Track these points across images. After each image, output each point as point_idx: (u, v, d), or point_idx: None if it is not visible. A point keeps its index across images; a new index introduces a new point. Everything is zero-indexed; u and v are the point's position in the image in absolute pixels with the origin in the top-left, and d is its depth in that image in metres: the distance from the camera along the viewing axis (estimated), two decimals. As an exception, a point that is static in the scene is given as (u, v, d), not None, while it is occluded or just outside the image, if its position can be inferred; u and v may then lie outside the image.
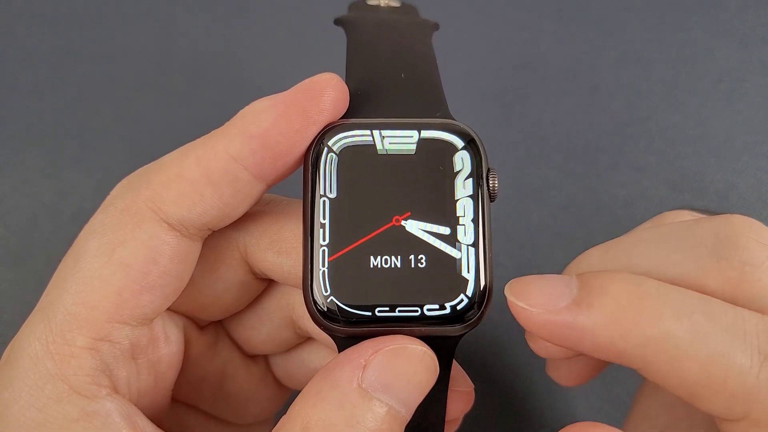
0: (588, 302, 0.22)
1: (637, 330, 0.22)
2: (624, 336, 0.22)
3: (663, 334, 0.22)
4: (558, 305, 0.23)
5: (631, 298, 0.22)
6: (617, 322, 0.22)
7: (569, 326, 0.22)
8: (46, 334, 0.24)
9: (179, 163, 0.25)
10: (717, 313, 0.22)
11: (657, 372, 0.22)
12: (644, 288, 0.22)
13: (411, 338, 0.23)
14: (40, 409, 0.23)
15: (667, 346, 0.21)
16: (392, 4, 0.32)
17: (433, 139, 0.25)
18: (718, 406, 0.22)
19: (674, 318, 0.22)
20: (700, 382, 0.22)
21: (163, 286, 0.25)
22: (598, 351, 0.22)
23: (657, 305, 0.22)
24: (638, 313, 0.22)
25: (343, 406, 0.22)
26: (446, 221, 0.24)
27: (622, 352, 0.22)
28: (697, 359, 0.21)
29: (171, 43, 0.53)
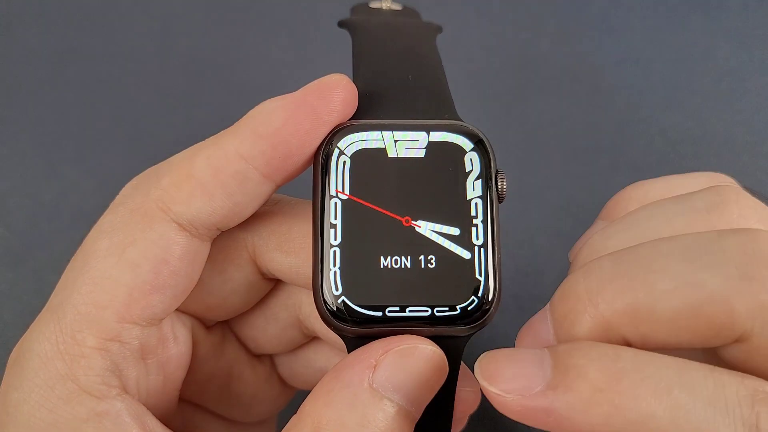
0: (564, 386, 0.21)
1: (617, 414, 0.20)
2: (604, 422, 0.20)
3: (643, 417, 0.20)
4: (533, 389, 0.21)
5: (609, 379, 0.21)
6: (596, 407, 0.20)
7: (546, 412, 0.21)
8: (56, 335, 0.24)
9: (189, 163, 0.25)
10: (697, 385, 0.21)
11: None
12: (621, 365, 0.21)
13: (421, 338, 0.23)
14: (50, 410, 0.24)
15: (648, 428, 0.20)
16: (394, 7, 0.32)
17: (442, 140, 0.25)
18: None
19: (653, 398, 0.20)
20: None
21: (172, 286, 0.25)
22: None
23: (635, 385, 0.20)
24: (617, 395, 0.20)
25: (354, 406, 0.22)
26: (456, 222, 0.24)
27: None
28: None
29: (171, 43, 0.53)
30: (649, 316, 0.22)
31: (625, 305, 0.22)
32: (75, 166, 0.49)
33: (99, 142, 0.49)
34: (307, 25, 0.53)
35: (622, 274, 0.23)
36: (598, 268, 0.23)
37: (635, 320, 0.22)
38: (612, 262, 0.23)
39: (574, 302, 0.23)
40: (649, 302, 0.22)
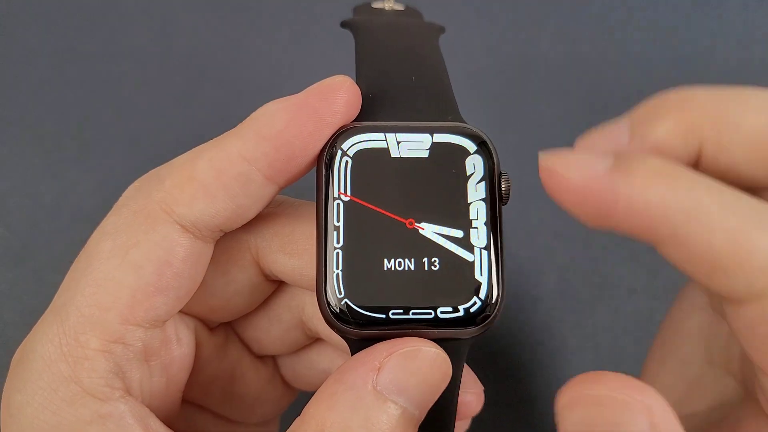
0: (626, 168, 0.22)
1: (673, 195, 0.22)
2: (660, 201, 0.22)
3: (696, 203, 0.22)
4: (597, 170, 0.22)
5: (667, 169, 0.22)
6: (655, 187, 0.22)
7: (607, 190, 0.22)
8: (59, 336, 0.24)
9: (192, 164, 0.25)
10: (744, 195, 0.22)
11: (684, 240, 0.22)
12: (677, 167, 0.23)
13: (425, 340, 0.24)
14: (53, 412, 0.24)
15: (699, 212, 0.21)
16: (396, 8, 0.32)
17: (445, 142, 0.25)
18: (740, 280, 0.22)
19: (706, 191, 0.22)
20: (726, 252, 0.21)
21: (176, 288, 0.25)
22: (632, 217, 0.22)
23: (690, 179, 0.22)
24: (673, 181, 0.22)
25: (358, 408, 0.22)
26: (459, 224, 0.24)
27: (655, 218, 0.22)
28: (725, 229, 0.21)
29: (171, 43, 0.53)
30: (734, 125, 0.23)
31: (715, 110, 0.24)
32: (75, 166, 0.49)
33: (99, 142, 0.49)
34: (309, 24, 0.53)
35: (717, 91, 0.24)
36: (691, 89, 0.25)
37: (720, 126, 0.24)
38: (706, 89, 0.24)
39: (662, 104, 0.24)
40: (737, 113, 0.24)
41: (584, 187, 0.22)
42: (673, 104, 0.24)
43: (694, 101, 0.24)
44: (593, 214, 0.23)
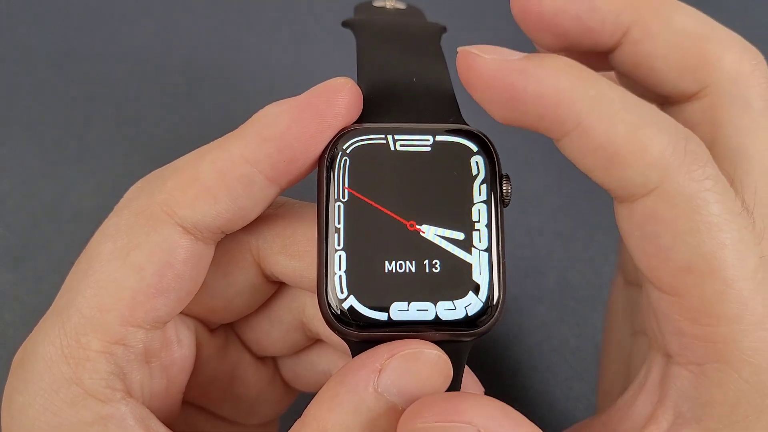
0: (539, 59, 0.23)
1: (580, 84, 0.23)
2: (568, 87, 0.23)
3: (600, 95, 0.23)
4: (511, 56, 0.24)
5: (576, 66, 0.24)
6: (564, 75, 0.23)
7: (519, 71, 0.23)
8: (60, 338, 0.24)
9: (194, 166, 0.25)
10: (643, 100, 0.24)
11: (587, 130, 0.23)
12: (585, 67, 0.24)
13: (425, 342, 0.24)
14: (54, 413, 0.24)
15: (602, 104, 0.23)
16: (398, 6, 0.32)
17: (447, 144, 0.25)
18: (634, 172, 0.23)
19: (610, 87, 0.23)
20: (625, 144, 0.23)
21: (177, 290, 0.25)
22: (539, 104, 0.23)
23: (596, 76, 0.23)
24: (582, 75, 0.23)
25: (359, 410, 0.22)
26: (460, 226, 0.24)
27: (561, 106, 0.23)
28: (625, 122, 0.23)
29: (171, 43, 0.53)
30: (666, 18, 0.25)
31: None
32: (75, 166, 0.49)
33: (99, 142, 0.49)
34: (309, 24, 0.53)
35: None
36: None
37: (654, 14, 0.25)
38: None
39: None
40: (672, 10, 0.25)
41: (497, 69, 0.23)
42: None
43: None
44: (503, 100, 0.24)
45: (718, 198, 0.23)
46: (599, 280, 0.46)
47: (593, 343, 0.45)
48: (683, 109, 0.26)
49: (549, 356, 0.45)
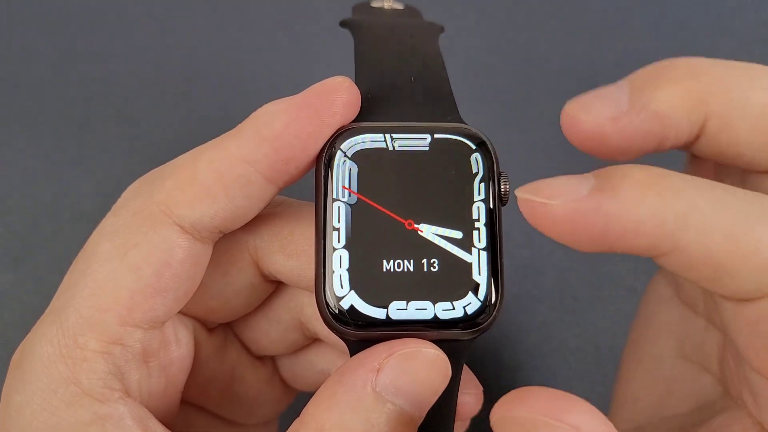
0: (611, 187, 0.22)
1: (664, 205, 0.21)
2: (652, 214, 0.21)
3: (690, 207, 0.21)
4: (581, 194, 0.22)
5: (653, 178, 0.22)
6: (644, 200, 0.21)
7: (594, 211, 0.21)
8: (58, 338, 0.24)
9: (192, 165, 0.25)
10: (737, 190, 0.22)
11: (685, 248, 0.21)
12: (661, 170, 0.22)
13: (424, 342, 0.23)
14: (52, 413, 0.24)
15: (694, 217, 0.21)
16: (396, 7, 0.32)
17: (445, 143, 0.25)
18: (743, 280, 0.21)
19: (697, 191, 0.21)
20: (728, 253, 0.21)
21: (175, 290, 0.25)
22: (626, 237, 0.22)
23: (678, 182, 0.22)
24: (663, 190, 0.21)
25: (357, 410, 0.22)
26: (459, 225, 0.24)
27: (651, 231, 0.21)
28: (724, 229, 0.21)
29: (171, 43, 0.53)
30: (742, 101, 0.23)
31: (724, 83, 0.23)
32: (75, 166, 0.49)
33: (98, 142, 0.49)
34: (308, 23, 0.53)
35: (725, 64, 0.24)
36: (698, 59, 0.24)
37: (728, 100, 0.23)
38: (713, 60, 0.24)
39: (669, 70, 0.24)
40: (747, 89, 0.23)
41: (571, 214, 0.22)
42: (680, 72, 0.24)
43: (704, 71, 0.24)
44: (586, 242, 0.22)
45: None
46: (599, 280, 0.46)
47: (593, 343, 0.45)
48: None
49: (549, 356, 0.45)
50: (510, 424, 0.21)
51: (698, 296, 0.30)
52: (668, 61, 0.25)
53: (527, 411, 0.21)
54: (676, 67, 0.24)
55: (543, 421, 0.20)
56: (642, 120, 0.23)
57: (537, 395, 0.21)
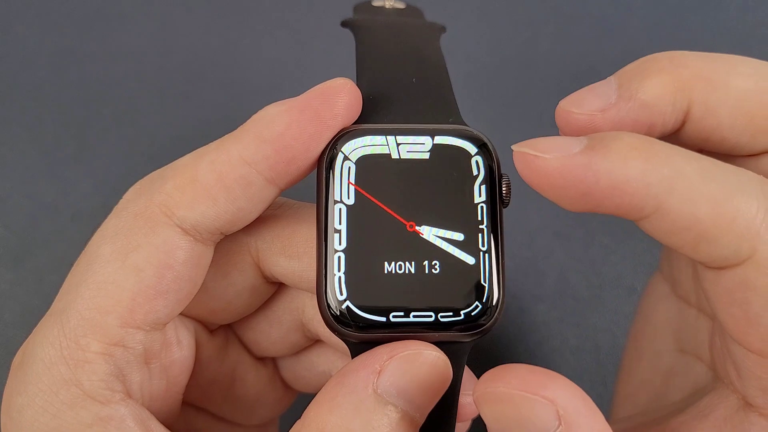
0: (602, 146, 0.22)
1: (652, 167, 0.22)
2: (640, 174, 0.22)
3: (676, 172, 0.22)
4: (572, 151, 0.23)
5: (643, 143, 0.22)
6: (633, 161, 0.22)
7: (585, 166, 0.22)
8: (59, 339, 0.24)
9: (193, 167, 0.25)
10: (722, 162, 0.23)
11: (667, 212, 0.22)
12: (652, 139, 0.23)
13: (425, 344, 0.23)
14: (54, 415, 0.24)
15: (680, 183, 0.22)
16: (397, 6, 0.32)
17: (446, 144, 0.25)
18: (725, 246, 0.22)
19: (684, 159, 0.22)
20: (709, 220, 0.22)
21: (176, 291, 0.25)
22: (614, 194, 0.22)
23: (667, 149, 0.22)
24: (652, 153, 0.22)
25: (358, 412, 0.22)
26: (460, 227, 0.24)
27: (637, 191, 0.22)
28: (707, 196, 0.22)
29: (171, 43, 0.53)
30: (723, 87, 0.24)
31: (705, 71, 0.24)
32: (75, 166, 0.49)
33: (98, 142, 0.49)
34: (308, 23, 0.53)
35: (706, 55, 0.25)
36: (680, 52, 0.25)
37: (710, 87, 0.24)
38: (695, 53, 0.25)
39: (653, 62, 0.25)
40: (727, 76, 0.24)
41: (562, 167, 0.22)
42: (663, 63, 0.25)
43: (685, 61, 0.25)
44: (574, 196, 0.23)
45: None
46: (599, 280, 0.46)
47: (593, 343, 0.45)
48: (761, 160, 0.26)
49: (549, 356, 0.45)
50: (490, 399, 0.22)
51: (691, 288, 0.31)
52: (652, 54, 0.26)
53: (505, 386, 0.21)
54: (660, 60, 0.25)
55: (520, 396, 0.21)
56: (630, 109, 0.24)
57: (515, 372, 0.21)
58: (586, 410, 0.21)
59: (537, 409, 0.21)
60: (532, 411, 0.21)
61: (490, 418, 0.22)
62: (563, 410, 0.21)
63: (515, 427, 0.21)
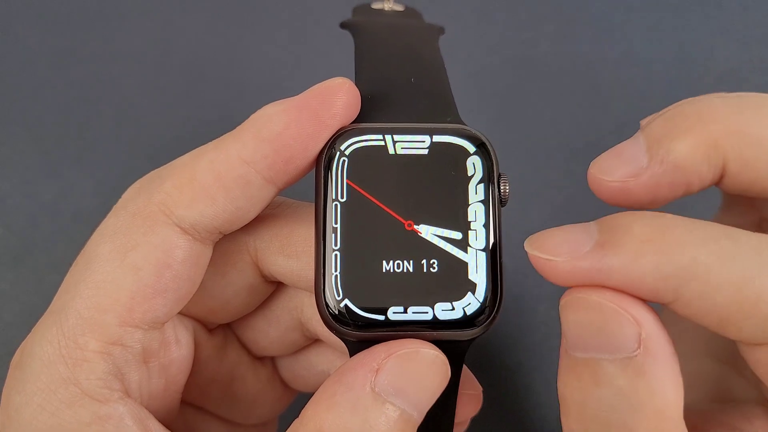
0: (612, 242, 0.22)
1: (666, 260, 0.21)
2: (653, 269, 0.21)
3: (692, 261, 0.21)
4: (582, 250, 0.22)
5: (655, 232, 0.22)
6: (645, 256, 0.22)
7: (596, 269, 0.22)
8: (58, 338, 0.24)
9: (192, 166, 0.25)
10: (741, 238, 0.22)
11: (689, 301, 0.22)
12: (665, 221, 0.22)
13: (423, 342, 0.24)
14: (52, 413, 0.24)
15: (696, 271, 0.21)
16: (396, 8, 0.32)
17: (444, 143, 0.25)
18: (750, 329, 0.22)
19: (700, 244, 0.22)
20: (732, 305, 0.21)
21: (175, 290, 0.25)
22: (628, 288, 0.22)
23: (681, 235, 0.22)
24: (665, 244, 0.22)
25: (356, 410, 0.22)
26: (458, 226, 0.24)
27: (653, 285, 0.22)
28: (727, 282, 0.21)
29: (171, 43, 0.53)
30: (757, 140, 0.23)
31: (736, 125, 0.23)
32: (75, 166, 0.49)
33: (98, 142, 0.49)
34: (308, 24, 0.53)
35: (734, 104, 0.24)
36: (707, 99, 0.25)
37: (743, 141, 0.23)
38: (721, 98, 0.24)
39: (681, 119, 0.24)
40: (759, 126, 0.23)
41: (573, 270, 0.22)
42: (691, 120, 0.24)
43: (713, 115, 0.24)
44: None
45: None
46: (599, 280, 0.46)
47: (593, 342, 0.45)
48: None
49: (549, 356, 0.45)
50: (579, 305, 0.22)
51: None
52: (678, 107, 0.25)
53: (599, 296, 0.22)
54: (689, 116, 0.24)
55: (612, 308, 0.22)
56: (664, 173, 0.24)
57: (609, 290, 0.22)
58: (667, 345, 0.22)
59: (623, 325, 0.22)
60: (618, 325, 0.22)
61: (572, 324, 0.23)
62: (646, 335, 0.21)
63: (595, 337, 0.22)
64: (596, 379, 0.22)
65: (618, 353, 0.22)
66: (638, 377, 0.21)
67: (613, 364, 0.22)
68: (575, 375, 0.23)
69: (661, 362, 0.22)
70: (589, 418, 0.22)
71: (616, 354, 0.22)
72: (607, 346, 0.22)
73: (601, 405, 0.22)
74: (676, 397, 0.22)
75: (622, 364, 0.22)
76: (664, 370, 0.22)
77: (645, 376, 0.21)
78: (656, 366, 0.21)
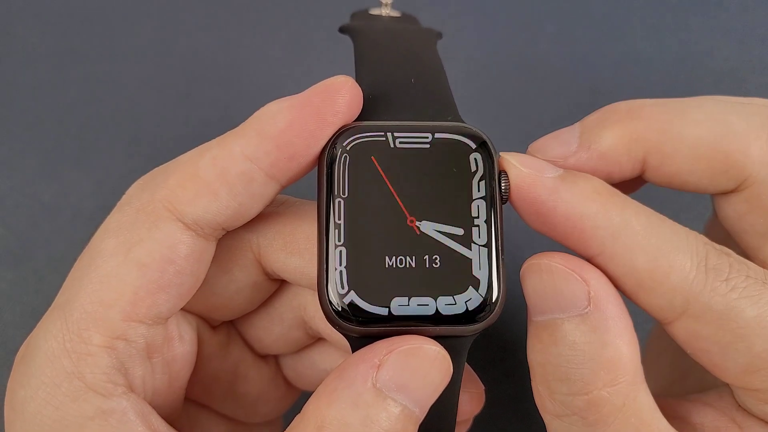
0: (572, 180, 0.24)
1: (604, 213, 0.24)
2: (592, 216, 0.24)
3: (624, 222, 0.24)
4: (547, 174, 0.25)
5: (607, 190, 0.24)
6: (591, 202, 0.24)
7: (550, 191, 0.24)
8: (62, 333, 0.24)
9: (195, 163, 0.25)
10: (670, 221, 0.25)
11: (611, 257, 0.24)
12: (615, 190, 0.25)
13: (425, 338, 0.24)
14: (56, 407, 0.24)
15: (625, 233, 0.24)
16: (393, 14, 0.33)
17: (446, 141, 0.25)
18: (660, 298, 0.24)
19: (635, 212, 0.24)
20: (647, 272, 0.24)
21: (178, 286, 0.25)
22: (567, 226, 0.24)
23: (623, 202, 0.24)
24: (609, 201, 0.24)
25: (357, 406, 0.22)
26: (460, 222, 0.24)
27: (586, 232, 0.24)
28: (647, 250, 0.24)
29: (171, 43, 0.53)
30: (677, 136, 0.26)
31: (658, 122, 0.26)
32: (75, 166, 0.49)
33: (99, 142, 0.49)
34: (309, 24, 0.54)
35: (662, 104, 0.27)
36: (640, 100, 0.27)
37: (663, 138, 0.26)
38: (653, 101, 0.27)
39: (611, 113, 0.27)
40: (680, 126, 0.26)
41: (530, 185, 0.24)
42: (620, 115, 0.27)
43: (640, 113, 0.26)
44: (533, 214, 0.25)
45: (750, 301, 0.23)
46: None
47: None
48: (730, 199, 0.27)
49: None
50: (533, 269, 0.24)
51: None
52: (615, 104, 0.27)
53: (548, 259, 0.24)
54: (619, 111, 0.27)
55: (559, 269, 0.24)
56: (588, 158, 0.26)
57: (559, 254, 0.24)
58: (615, 302, 0.24)
59: (573, 284, 0.24)
60: (567, 285, 0.24)
61: (530, 290, 0.25)
62: (594, 293, 0.23)
63: (550, 298, 0.24)
64: (554, 339, 0.24)
65: (570, 311, 0.24)
66: (591, 332, 0.23)
67: (568, 321, 0.24)
68: (537, 338, 0.25)
69: (610, 317, 0.23)
70: (551, 376, 0.24)
71: (569, 312, 0.24)
72: (561, 305, 0.24)
73: (560, 361, 0.24)
74: (630, 349, 0.24)
75: (575, 321, 0.24)
76: (615, 324, 0.23)
77: (597, 331, 0.23)
78: (606, 320, 0.23)
